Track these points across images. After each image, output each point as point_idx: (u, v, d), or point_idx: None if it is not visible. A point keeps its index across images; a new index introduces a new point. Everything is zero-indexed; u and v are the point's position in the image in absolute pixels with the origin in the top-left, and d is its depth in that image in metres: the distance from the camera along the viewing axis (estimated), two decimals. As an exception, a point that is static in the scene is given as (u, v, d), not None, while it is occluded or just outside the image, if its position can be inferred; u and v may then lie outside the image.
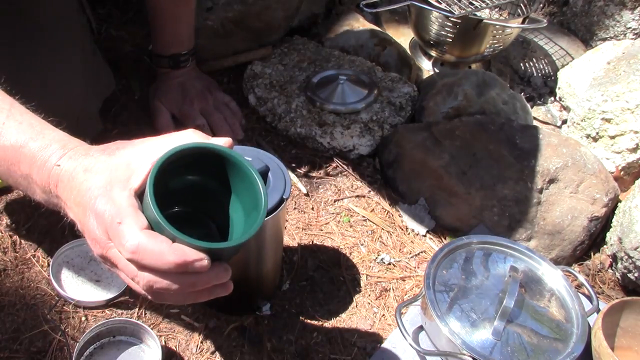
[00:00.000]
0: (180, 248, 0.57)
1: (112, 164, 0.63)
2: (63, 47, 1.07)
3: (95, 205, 0.60)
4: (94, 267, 1.05)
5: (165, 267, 0.57)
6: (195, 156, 0.65)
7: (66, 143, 0.66)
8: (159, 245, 0.57)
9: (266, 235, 0.93)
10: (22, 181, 0.68)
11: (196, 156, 0.65)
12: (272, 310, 1.03)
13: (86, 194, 0.61)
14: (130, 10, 1.54)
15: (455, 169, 1.22)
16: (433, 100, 1.36)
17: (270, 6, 1.44)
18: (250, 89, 1.40)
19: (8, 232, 1.08)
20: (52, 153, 0.65)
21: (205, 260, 0.57)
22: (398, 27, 1.71)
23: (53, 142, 0.66)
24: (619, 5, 1.62)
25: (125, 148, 0.64)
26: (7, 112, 0.68)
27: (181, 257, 0.56)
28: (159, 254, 0.56)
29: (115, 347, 0.95)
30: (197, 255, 0.57)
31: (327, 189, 1.25)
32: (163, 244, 0.57)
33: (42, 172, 0.65)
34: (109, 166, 0.62)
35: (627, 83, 1.29)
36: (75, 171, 0.63)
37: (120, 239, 0.58)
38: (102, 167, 0.62)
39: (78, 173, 0.62)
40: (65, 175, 0.63)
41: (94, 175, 0.62)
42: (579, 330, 0.95)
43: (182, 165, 0.65)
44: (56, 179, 0.64)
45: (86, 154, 0.64)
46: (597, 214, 1.21)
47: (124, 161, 0.63)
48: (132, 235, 0.57)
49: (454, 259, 1.03)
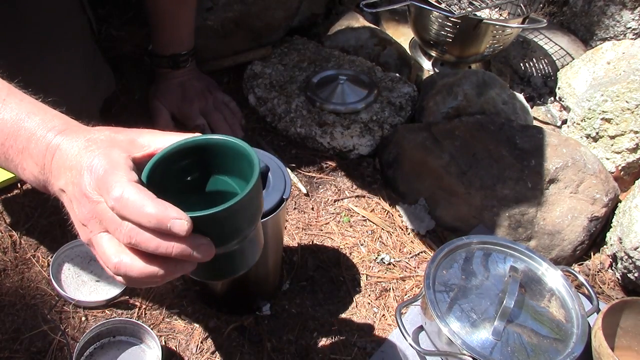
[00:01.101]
0: (162, 203, 0.56)
1: (115, 137, 0.63)
2: (63, 47, 1.07)
3: (92, 162, 0.59)
4: (94, 267, 1.05)
5: (145, 219, 0.56)
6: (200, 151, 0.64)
7: (69, 120, 0.66)
8: (143, 196, 0.56)
9: (266, 235, 0.93)
10: (14, 157, 0.67)
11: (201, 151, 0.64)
12: (272, 310, 1.03)
13: (84, 155, 0.61)
14: (130, 10, 1.54)
15: (455, 169, 1.22)
16: (433, 100, 1.36)
17: (270, 6, 1.44)
18: (250, 89, 1.40)
19: (8, 232, 1.08)
20: (54, 126, 0.64)
21: (185, 222, 0.56)
22: (398, 27, 1.71)
23: (56, 117, 0.66)
24: (619, 5, 1.62)
25: (130, 131, 0.65)
26: (7, 91, 0.68)
27: (162, 212, 0.56)
28: (140, 205, 0.56)
29: (115, 347, 0.95)
30: (177, 214, 0.56)
31: (327, 189, 1.25)
32: (146, 197, 0.56)
33: (40, 145, 0.64)
34: (111, 137, 0.62)
35: (627, 83, 1.29)
36: (78, 141, 0.62)
37: (107, 187, 0.57)
38: (104, 137, 0.62)
39: (80, 142, 0.62)
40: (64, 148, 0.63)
41: (95, 143, 0.62)
42: (579, 330, 0.95)
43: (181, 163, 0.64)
44: (54, 150, 0.63)
45: (88, 130, 0.64)
46: (597, 214, 1.21)
47: (128, 138, 0.63)
48: (120, 184, 0.57)
49: (454, 259, 1.03)
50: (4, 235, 1.07)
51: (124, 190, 0.56)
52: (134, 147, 0.62)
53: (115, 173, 0.58)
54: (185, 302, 1.03)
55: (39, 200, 1.12)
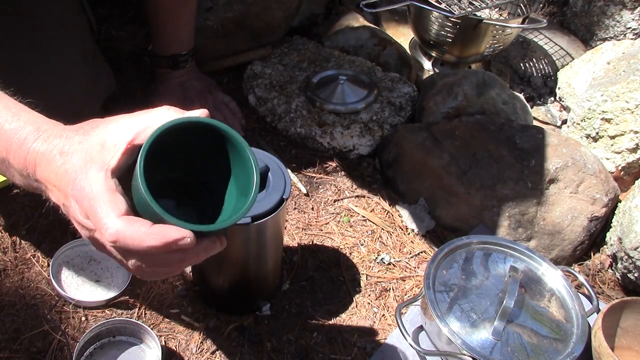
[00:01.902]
0: (159, 230, 0.57)
1: (86, 144, 0.62)
2: (63, 47, 1.07)
3: (74, 190, 0.60)
4: (94, 267, 1.05)
5: (149, 252, 0.57)
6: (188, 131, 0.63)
7: (40, 125, 0.65)
8: (138, 231, 0.56)
9: (266, 235, 0.93)
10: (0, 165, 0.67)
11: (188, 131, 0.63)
12: (272, 310, 1.03)
13: (64, 178, 0.61)
14: (130, 10, 1.54)
15: (455, 169, 1.22)
16: (433, 100, 1.36)
17: (270, 6, 1.44)
18: (250, 89, 1.40)
19: (8, 232, 1.08)
20: (27, 135, 0.64)
21: (188, 238, 0.56)
22: (398, 27, 1.71)
23: (27, 124, 0.65)
24: (619, 5, 1.62)
25: (98, 127, 0.64)
26: None
27: (162, 240, 0.56)
28: (138, 239, 0.56)
29: (115, 347, 0.95)
30: (179, 233, 0.56)
31: (327, 189, 1.25)
32: (141, 229, 0.56)
33: (19, 156, 0.64)
34: (84, 147, 0.62)
35: (627, 83, 1.29)
36: (52, 154, 0.62)
37: (100, 227, 0.58)
38: (77, 148, 0.62)
39: (54, 156, 0.62)
40: (42, 158, 0.63)
41: (69, 157, 0.61)
42: (579, 330, 0.95)
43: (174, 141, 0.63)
44: (33, 162, 0.64)
45: (60, 136, 0.64)
46: (597, 214, 1.21)
47: (98, 141, 0.62)
48: (110, 223, 0.57)
49: (454, 259, 1.03)
50: (4, 235, 1.07)
51: (117, 231, 0.57)
52: (107, 153, 0.61)
53: (102, 209, 0.58)
54: (185, 302, 1.02)
55: (39, 200, 1.10)
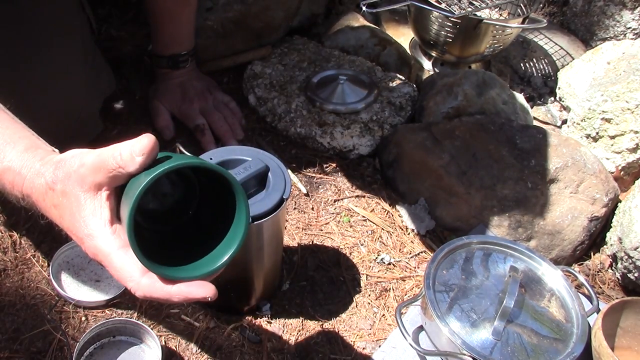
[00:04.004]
0: (183, 291, 0.60)
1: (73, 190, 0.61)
2: (63, 47, 1.07)
3: (89, 249, 0.61)
4: (94, 267, 1.05)
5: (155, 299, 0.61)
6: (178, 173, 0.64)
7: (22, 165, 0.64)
8: (164, 290, 0.59)
9: (266, 235, 0.93)
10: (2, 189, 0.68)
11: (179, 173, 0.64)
12: (272, 310, 1.03)
13: (71, 230, 0.62)
14: (130, 10, 1.54)
15: (455, 169, 1.22)
16: (433, 100, 1.36)
17: (270, 6, 1.44)
18: (250, 89, 1.40)
19: (8, 232, 1.08)
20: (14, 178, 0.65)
21: (209, 297, 0.59)
22: (398, 27, 1.71)
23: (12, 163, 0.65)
24: (619, 5, 1.62)
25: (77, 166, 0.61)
26: None
27: (184, 298, 0.60)
28: (165, 299, 0.60)
29: (115, 347, 0.95)
30: (204, 293, 0.59)
31: (327, 189, 1.25)
32: (166, 289, 0.59)
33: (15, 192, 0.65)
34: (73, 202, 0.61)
35: (627, 83, 1.29)
36: (46, 206, 0.64)
37: (124, 282, 0.60)
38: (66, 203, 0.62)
39: (50, 209, 0.63)
40: (39, 205, 0.64)
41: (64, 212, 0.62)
42: (579, 330, 0.95)
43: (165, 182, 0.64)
44: (32, 203, 0.65)
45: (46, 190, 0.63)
46: (597, 214, 1.21)
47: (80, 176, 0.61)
48: (135, 286, 0.60)
49: (454, 259, 1.03)
50: (4, 235, 1.07)
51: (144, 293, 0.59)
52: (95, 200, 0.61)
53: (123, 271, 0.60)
54: (185, 302, 1.02)
55: (39, 200, 1.12)
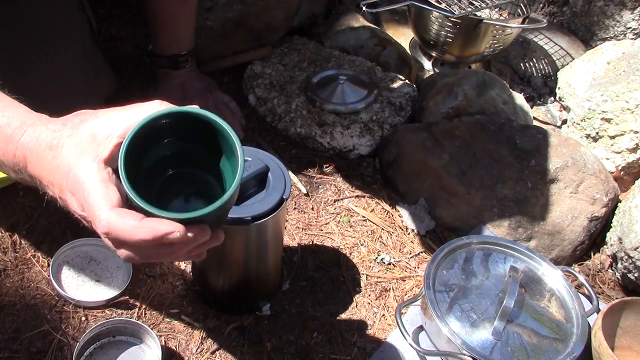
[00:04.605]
0: (149, 224, 0.57)
1: (76, 137, 0.62)
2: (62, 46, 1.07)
3: (69, 183, 0.60)
4: (94, 267, 1.05)
5: (139, 245, 0.58)
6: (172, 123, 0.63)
7: (25, 120, 0.65)
8: (129, 223, 0.57)
9: (266, 235, 0.93)
10: None
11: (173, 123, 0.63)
12: (272, 310, 1.03)
13: (57, 172, 0.61)
14: (130, 10, 1.54)
15: (455, 169, 1.22)
16: (433, 100, 1.36)
17: (270, 6, 1.44)
18: (250, 89, 1.40)
19: (8, 232, 1.08)
20: (13, 131, 0.64)
21: (177, 232, 0.56)
22: (398, 27, 1.71)
23: (12, 119, 0.65)
24: (619, 5, 1.62)
25: (88, 120, 0.63)
26: None
27: (151, 233, 0.56)
28: (129, 233, 0.57)
29: (115, 347, 0.95)
30: (169, 227, 0.56)
31: (327, 189, 1.25)
32: (132, 222, 0.57)
33: (8, 153, 0.64)
34: (74, 140, 0.61)
35: (627, 83, 1.29)
36: (40, 149, 0.62)
37: (93, 218, 0.58)
38: (66, 141, 0.61)
39: (44, 151, 0.62)
40: (31, 154, 0.63)
41: (60, 151, 0.61)
42: (579, 330, 0.95)
43: (159, 135, 0.63)
44: (23, 158, 0.63)
45: (47, 129, 0.63)
46: (597, 214, 1.21)
47: (89, 133, 0.62)
48: (103, 215, 0.57)
49: (454, 259, 1.03)
50: (4, 235, 1.07)
51: (108, 223, 0.57)
52: (99, 146, 0.61)
53: (95, 200, 0.58)
54: (185, 302, 1.03)
55: (39, 200, 1.10)
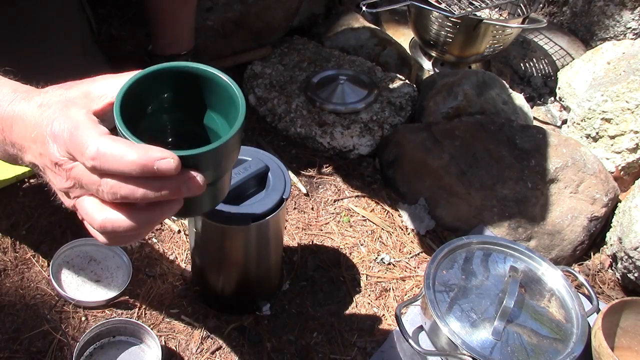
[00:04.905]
0: (143, 146, 0.53)
1: (68, 95, 0.59)
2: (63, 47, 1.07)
3: (52, 128, 0.56)
4: (94, 267, 1.05)
5: (128, 169, 0.53)
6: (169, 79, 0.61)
7: (17, 87, 0.62)
8: (121, 146, 0.53)
9: (266, 235, 0.93)
10: None
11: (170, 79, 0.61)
12: (272, 310, 1.03)
13: (42, 122, 0.57)
14: (130, 10, 1.54)
15: (455, 169, 1.22)
16: (433, 100, 1.36)
17: (270, 6, 1.44)
18: (250, 89, 1.40)
19: (8, 232, 1.08)
20: (3, 97, 0.61)
21: (171, 159, 0.52)
22: (398, 27, 1.71)
23: (3, 86, 0.62)
24: (619, 5, 1.62)
25: (83, 82, 0.61)
26: None
27: (144, 155, 0.52)
28: (120, 155, 0.52)
29: (115, 347, 0.95)
30: (163, 153, 0.52)
31: (327, 189, 1.25)
32: (124, 145, 0.53)
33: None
34: (66, 97, 0.59)
35: (627, 83, 1.29)
36: (29, 108, 0.59)
37: (80, 148, 0.54)
38: (57, 99, 0.59)
39: (32, 109, 0.59)
40: (19, 116, 0.59)
41: (49, 107, 0.58)
42: (579, 330, 0.95)
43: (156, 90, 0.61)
44: (9, 122, 0.60)
45: (39, 93, 0.61)
46: (597, 214, 1.21)
47: (82, 91, 0.60)
48: (92, 140, 0.53)
49: (454, 259, 1.03)
50: (4, 235, 1.07)
51: (98, 146, 0.53)
52: (91, 101, 0.59)
53: (83, 131, 0.54)
54: (185, 302, 1.03)
55: (39, 200, 1.12)
